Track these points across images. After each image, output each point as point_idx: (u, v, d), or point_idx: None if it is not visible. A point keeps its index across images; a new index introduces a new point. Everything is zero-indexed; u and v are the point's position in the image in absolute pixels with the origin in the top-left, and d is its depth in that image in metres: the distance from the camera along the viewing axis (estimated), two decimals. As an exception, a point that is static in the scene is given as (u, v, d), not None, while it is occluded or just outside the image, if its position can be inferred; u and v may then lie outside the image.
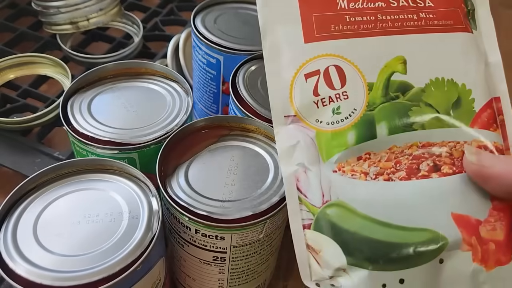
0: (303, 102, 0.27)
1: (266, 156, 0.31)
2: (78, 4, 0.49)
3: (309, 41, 0.27)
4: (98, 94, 0.34)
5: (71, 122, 0.32)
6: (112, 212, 0.26)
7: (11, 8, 0.57)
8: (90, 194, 0.27)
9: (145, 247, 0.25)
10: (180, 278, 0.33)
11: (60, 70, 0.47)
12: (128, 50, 0.51)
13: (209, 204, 0.28)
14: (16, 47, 0.52)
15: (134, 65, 0.36)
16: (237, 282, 0.32)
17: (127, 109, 0.33)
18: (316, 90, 0.27)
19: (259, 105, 0.33)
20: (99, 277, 0.23)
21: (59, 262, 0.24)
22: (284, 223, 0.31)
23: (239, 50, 0.38)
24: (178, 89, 0.35)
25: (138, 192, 0.28)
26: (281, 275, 0.38)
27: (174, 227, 0.29)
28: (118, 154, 0.30)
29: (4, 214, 0.26)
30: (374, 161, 0.26)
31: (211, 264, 0.30)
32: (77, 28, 0.50)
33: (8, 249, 0.24)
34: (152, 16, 0.58)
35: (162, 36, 0.55)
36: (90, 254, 0.24)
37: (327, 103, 0.26)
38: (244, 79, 0.36)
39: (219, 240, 0.28)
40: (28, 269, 0.24)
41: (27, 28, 0.53)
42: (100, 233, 0.25)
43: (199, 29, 0.39)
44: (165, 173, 0.30)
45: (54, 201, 0.27)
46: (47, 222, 0.26)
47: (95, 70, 0.35)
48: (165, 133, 0.31)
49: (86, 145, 0.30)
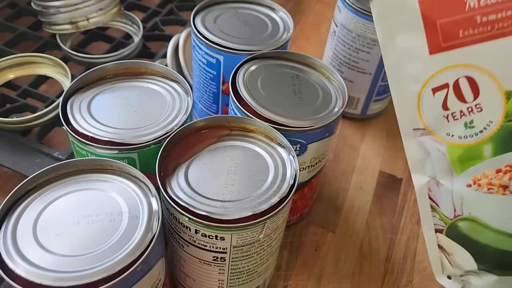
0: (432, 116, 0.25)
1: (266, 156, 0.31)
2: (78, 4, 0.49)
3: (435, 52, 0.25)
4: (98, 94, 0.34)
5: (71, 122, 0.32)
6: (112, 212, 0.26)
7: (11, 8, 0.57)
8: (90, 194, 0.27)
9: (145, 247, 0.25)
10: (180, 278, 0.33)
11: (59, 70, 0.47)
12: (128, 50, 0.51)
13: (209, 204, 0.28)
14: (15, 47, 0.52)
15: (134, 65, 0.36)
16: (237, 282, 0.32)
17: (127, 109, 0.33)
18: (445, 104, 0.25)
19: (259, 105, 0.33)
20: (99, 277, 0.23)
21: (58, 262, 0.24)
22: (284, 223, 0.31)
23: (239, 50, 0.38)
24: (178, 89, 0.35)
25: (138, 192, 0.28)
26: (281, 275, 0.38)
27: (174, 227, 0.29)
28: (118, 154, 0.30)
29: (4, 214, 0.26)
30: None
31: (211, 264, 0.30)
32: (77, 28, 0.50)
33: (7, 249, 0.24)
34: (152, 16, 0.58)
35: (162, 36, 0.55)
36: (90, 254, 0.24)
37: (458, 117, 0.25)
38: (244, 79, 0.36)
39: (219, 240, 0.28)
40: (27, 269, 0.24)
41: (27, 28, 0.53)
42: (99, 233, 0.25)
43: (199, 29, 0.39)
44: (165, 173, 0.30)
45: (54, 201, 0.27)
46: (47, 222, 0.26)
47: (95, 70, 0.35)
48: (165, 133, 0.31)
49: (85, 145, 0.30)
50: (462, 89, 0.25)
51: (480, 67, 0.24)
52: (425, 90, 0.25)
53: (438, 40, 0.25)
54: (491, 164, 0.24)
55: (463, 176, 0.25)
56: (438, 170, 0.25)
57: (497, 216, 0.24)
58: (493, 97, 0.24)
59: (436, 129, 0.25)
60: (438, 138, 0.25)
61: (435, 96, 0.25)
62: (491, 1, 0.24)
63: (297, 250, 0.40)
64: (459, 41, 0.25)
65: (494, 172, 0.24)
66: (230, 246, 0.28)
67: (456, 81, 0.25)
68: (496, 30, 0.24)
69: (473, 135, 0.24)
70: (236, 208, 0.28)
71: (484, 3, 0.25)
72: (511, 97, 0.24)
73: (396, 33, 0.25)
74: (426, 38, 0.25)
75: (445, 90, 0.25)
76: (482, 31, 0.24)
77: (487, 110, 0.24)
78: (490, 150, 0.24)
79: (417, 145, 0.26)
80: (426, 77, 0.25)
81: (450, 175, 0.25)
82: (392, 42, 0.25)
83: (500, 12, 0.24)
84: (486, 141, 0.24)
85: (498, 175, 0.24)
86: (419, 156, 0.26)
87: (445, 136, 0.25)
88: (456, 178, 0.25)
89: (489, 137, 0.24)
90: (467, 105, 0.25)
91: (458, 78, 0.25)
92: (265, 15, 0.43)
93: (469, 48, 0.25)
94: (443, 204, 0.25)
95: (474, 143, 0.24)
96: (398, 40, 0.25)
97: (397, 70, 0.25)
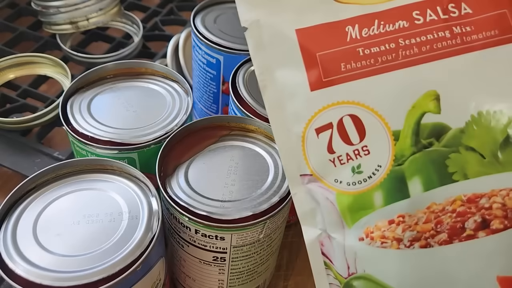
0: (318, 160, 0.22)
1: (266, 156, 0.31)
2: (78, 4, 0.49)
3: (316, 88, 0.22)
4: (98, 94, 0.34)
5: (71, 122, 0.32)
6: (112, 212, 0.26)
7: (11, 8, 0.56)
8: (90, 194, 0.27)
9: (145, 247, 0.25)
10: (180, 279, 0.33)
11: (59, 70, 0.47)
12: (128, 50, 0.50)
13: (209, 204, 0.28)
14: (15, 47, 0.52)
15: (134, 65, 0.36)
16: (237, 282, 0.32)
17: (127, 109, 0.33)
18: (330, 147, 0.22)
19: (259, 105, 0.33)
20: (99, 277, 0.23)
21: (58, 262, 0.24)
22: (284, 223, 0.31)
23: (239, 50, 0.38)
24: (178, 89, 0.35)
25: (138, 192, 0.28)
26: (281, 275, 0.38)
27: (174, 227, 0.29)
28: (118, 154, 0.30)
29: (4, 214, 0.26)
30: (410, 224, 0.21)
31: (211, 264, 0.30)
32: (77, 28, 0.50)
33: (7, 249, 0.24)
34: (152, 16, 0.57)
35: (162, 36, 0.55)
36: (90, 254, 0.24)
37: (345, 161, 0.22)
38: (244, 79, 0.36)
39: (219, 240, 0.28)
40: (27, 269, 0.24)
41: (27, 28, 0.53)
42: (99, 233, 0.25)
43: (199, 29, 0.39)
44: (165, 173, 0.30)
45: (54, 201, 0.27)
46: (46, 222, 0.26)
47: (95, 70, 0.35)
48: (165, 133, 0.31)
49: (85, 145, 0.30)
50: (347, 129, 0.22)
51: (364, 105, 0.22)
52: (309, 131, 0.22)
53: (319, 74, 0.22)
54: (383, 214, 0.21)
55: (354, 228, 0.22)
56: (329, 222, 0.22)
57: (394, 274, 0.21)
58: (380, 138, 0.22)
59: (323, 175, 0.22)
60: (326, 185, 0.22)
61: (319, 137, 0.22)
62: (374, 32, 0.22)
63: (297, 250, 0.40)
64: (341, 76, 0.22)
65: (387, 224, 0.21)
66: (230, 246, 0.28)
67: (340, 120, 0.22)
68: (380, 64, 0.22)
69: (362, 181, 0.22)
70: (236, 208, 0.28)
71: (366, 34, 0.22)
72: (399, 138, 0.22)
73: (275, 67, 0.23)
74: (306, 72, 0.22)
75: (329, 131, 0.22)
76: (365, 65, 0.22)
77: (375, 153, 0.22)
78: (381, 199, 0.21)
79: (306, 193, 0.23)
80: (309, 116, 0.22)
81: (341, 228, 0.22)
82: (271, 78, 0.23)
83: (383, 44, 0.22)
84: (376, 188, 0.21)
85: (391, 227, 0.21)
86: (308, 206, 0.23)
87: (333, 183, 0.22)
88: (348, 231, 0.22)
89: (379, 183, 0.21)
90: (353, 148, 0.22)
91: (342, 117, 0.22)
92: (265, 15, 0.43)
93: (352, 83, 0.22)
94: (337, 260, 0.22)
95: (363, 191, 0.22)
96: (277, 75, 0.23)
97: (279, 109, 0.23)
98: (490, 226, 0.21)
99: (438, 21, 0.23)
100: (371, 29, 0.22)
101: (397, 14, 0.22)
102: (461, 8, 0.23)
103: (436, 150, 0.22)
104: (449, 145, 0.22)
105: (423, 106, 0.22)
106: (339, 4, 0.23)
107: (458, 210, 0.21)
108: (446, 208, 0.21)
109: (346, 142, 0.22)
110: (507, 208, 0.21)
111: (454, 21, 0.23)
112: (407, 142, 0.22)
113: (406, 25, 0.22)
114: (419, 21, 0.22)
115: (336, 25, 0.22)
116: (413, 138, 0.22)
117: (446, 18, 0.23)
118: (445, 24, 0.23)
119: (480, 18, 0.23)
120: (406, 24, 0.22)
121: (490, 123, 0.22)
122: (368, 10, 0.23)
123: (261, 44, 0.23)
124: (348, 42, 0.22)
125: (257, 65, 0.23)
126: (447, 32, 0.22)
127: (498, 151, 0.22)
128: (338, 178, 0.22)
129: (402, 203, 0.21)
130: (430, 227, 0.21)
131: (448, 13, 0.23)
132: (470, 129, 0.22)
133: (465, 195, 0.21)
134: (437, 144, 0.22)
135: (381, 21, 0.22)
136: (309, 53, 0.22)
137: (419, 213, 0.21)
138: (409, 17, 0.22)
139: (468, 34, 0.23)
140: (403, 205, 0.21)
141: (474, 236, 0.21)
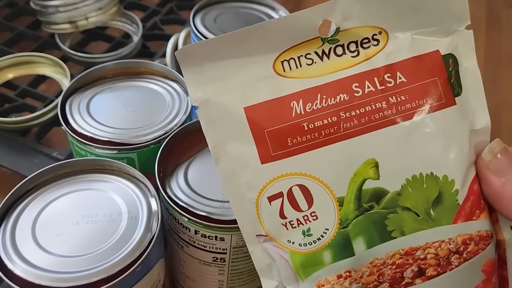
0: (271, 224, 0.24)
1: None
2: (77, 3, 0.49)
3: (266, 161, 0.24)
4: (97, 94, 0.34)
5: (70, 122, 0.32)
6: (111, 212, 0.26)
7: (10, 7, 0.56)
8: (89, 194, 0.27)
9: (144, 248, 0.25)
10: (179, 279, 0.33)
11: (58, 70, 0.47)
12: (127, 49, 0.50)
13: (208, 204, 0.28)
14: (14, 47, 0.52)
15: (133, 65, 0.36)
16: (237, 283, 0.31)
17: (126, 108, 0.33)
18: (282, 213, 0.24)
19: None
20: (98, 278, 0.23)
21: (57, 263, 0.24)
22: (284, 223, 0.31)
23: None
24: (178, 89, 0.35)
25: (137, 192, 0.28)
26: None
27: (174, 227, 0.29)
28: (117, 154, 0.30)
29: (3, 215, 0.26)
30: (356, 278, 0.24)
31: (211, 265, 0.30)
32: (76, 27, 0.50)
33: (6, 250, 0.24)
34: (151, 15, 0.57)
35: (162, 35, 0.55)
36: (89, 255, 0.24)
37: (296, 226, 0.24)
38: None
39: (218, 241, 0.28)
40: (26, 269, 0.23)
41: (26, 28, 0.53)
42: (99, 234, 0.25)
43: (198, 28, 0.39)
44: (164, 174, 0.30)
45: (53, 202, 0.27)
46: (45, 222, 0.26)
47: (94, 69, 0.35)
48: (164, 133, 0.31)
49: (85, 145, 0.30)
50: (296, 198, 0.24)
51: (311, 176, 0.24)
52: (262, 198, 0.24)
53: (268, 149, 0.24)
54: (332, 270, 0.24)
55: (307, 282, 0.24)
56: (284, 276, 0.25)
57: None
58: (326, 205, 0.24)
59: (277, 237, 0.24)
60: (280, 245, 0.25)
61: (271, 204, 0.24)
62: (317, 106, 0.24)
63: (297, 251, 0.40)
64: (288, 150, 0.24)
65: (336, 278, 0.24)
66: (230, 246, 0.28)
67: (289, 190, 0.24)
68: (323, 137, 0.24)
69: (312, 243, 0.24)
70: (236, 208, 0.28)
71: (310, 109, 0.24)
72: (343, 203, 0.24)
73: (227, 141, 0.24)
74: (256, 147, 0.24)
75: (280, 199, 0.24)
76: (310, 139, 0.24)
77: (323, 218, 0.24)
78: (329, 257, 0.24)
79: (262, 251, 0.25)
80: (261, 186, 0.24)
81: (296, 281, 0.25)
82: (224, 151, 0.24)
83: (326, 118, 0.24)
84: (325, 248, 0.24)
85: (340, 281, 0.24)
86: (265, 262, 0.25)
87: (287, 243, 0.24)
88: (302, 284, 0.24)
89: (327, 244, 0.24)
90: (302, 214, 0.24)
91: (291, 187, 0.24)
92: (266, 14, 0.42)
93: (299, 156, 0.24)
94: None
95: (313, 250, 0.24)
96: (229, 148, 0.24)
97: (233, 178, 0.24)
98: (426, 273, 0.23)
99: (375, 92, 0.24)
100: (314, 103, 0.24)
101: (338, 87, 0.24)
102: (396, 78, 0.24)
103: (376, 212, 0.24)
104: (387, 207, 0.24)
105: (363, 173, 0.24)
106: (282, 79, 0.24)
107: (397, 262, 0.24)
108: (387, 262, 0.24)
109: (296, 209, 0.24)
110: (440, 257, 0.24)
111: (390, 91, 0.24)
112: (350, 207, 0.24)
113: (346, 98, 0.24)
114: (358, 93, 0.24)
115: (281, 101, 0.24)
116: (356, 203, 0.24)
117: (383, 88, 0.24)
118: (382, 95, 0.24)
119: (413, 87, 0.24)
120: (347, 97, 0.24)
121: (423, 184, 0.24)
122: (310, 84, 0.24)
123: (212, 120, 0.24)
124: (293, 117, 0.24)
125: (209, 140, 0.24)
126: (384, 103, 0.24)
127: (431, 209, 0.24)
128: (290, 239, 0.24)
129: (348, 260, 0.24)
130: (374, 279, 0.24)
131: (385, 83, 0.24)
132: (405, 191, 0.24)
133: (403, 249, 0.24)
134: (377, 206, 0.24)
135: (323, 95, 0.24)
136: (258, 129, 0.24)
137: (363, 268, 0.24)
138: (349, 89, 0.24)
139: (403, 103, 0.24)
140: (349, 262, 0.24)
141: (412, 283, 0.23)
